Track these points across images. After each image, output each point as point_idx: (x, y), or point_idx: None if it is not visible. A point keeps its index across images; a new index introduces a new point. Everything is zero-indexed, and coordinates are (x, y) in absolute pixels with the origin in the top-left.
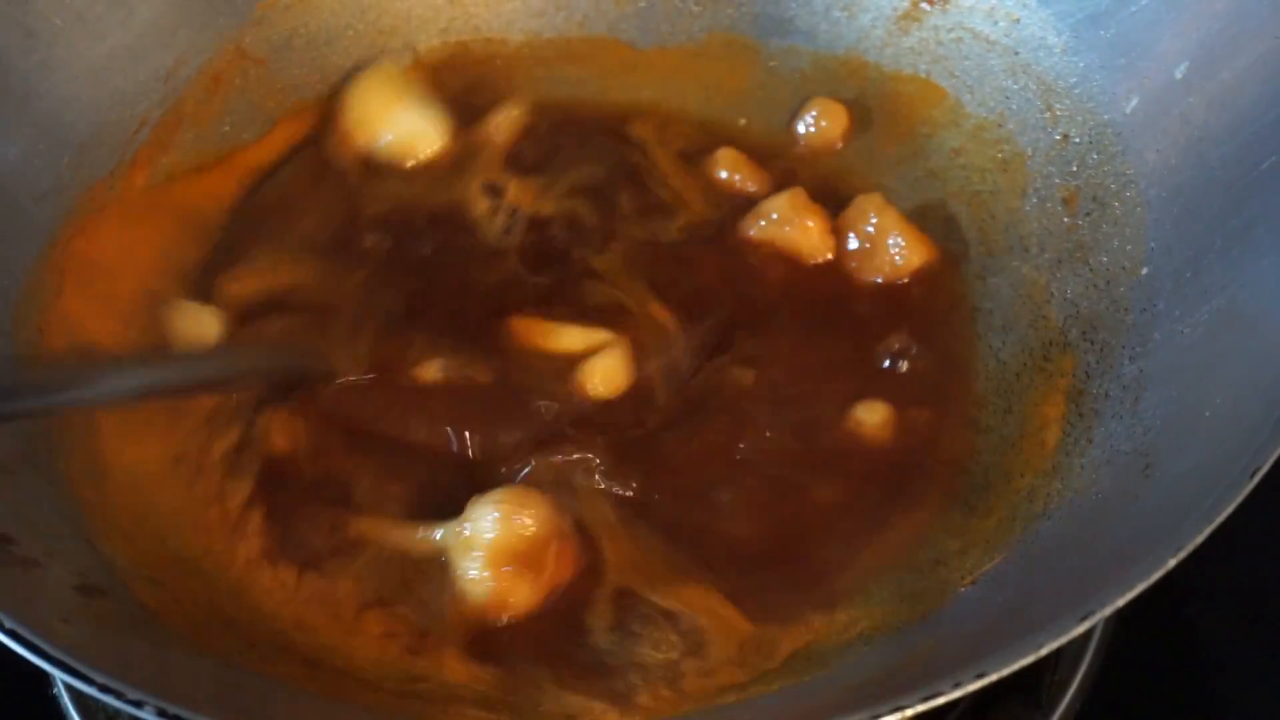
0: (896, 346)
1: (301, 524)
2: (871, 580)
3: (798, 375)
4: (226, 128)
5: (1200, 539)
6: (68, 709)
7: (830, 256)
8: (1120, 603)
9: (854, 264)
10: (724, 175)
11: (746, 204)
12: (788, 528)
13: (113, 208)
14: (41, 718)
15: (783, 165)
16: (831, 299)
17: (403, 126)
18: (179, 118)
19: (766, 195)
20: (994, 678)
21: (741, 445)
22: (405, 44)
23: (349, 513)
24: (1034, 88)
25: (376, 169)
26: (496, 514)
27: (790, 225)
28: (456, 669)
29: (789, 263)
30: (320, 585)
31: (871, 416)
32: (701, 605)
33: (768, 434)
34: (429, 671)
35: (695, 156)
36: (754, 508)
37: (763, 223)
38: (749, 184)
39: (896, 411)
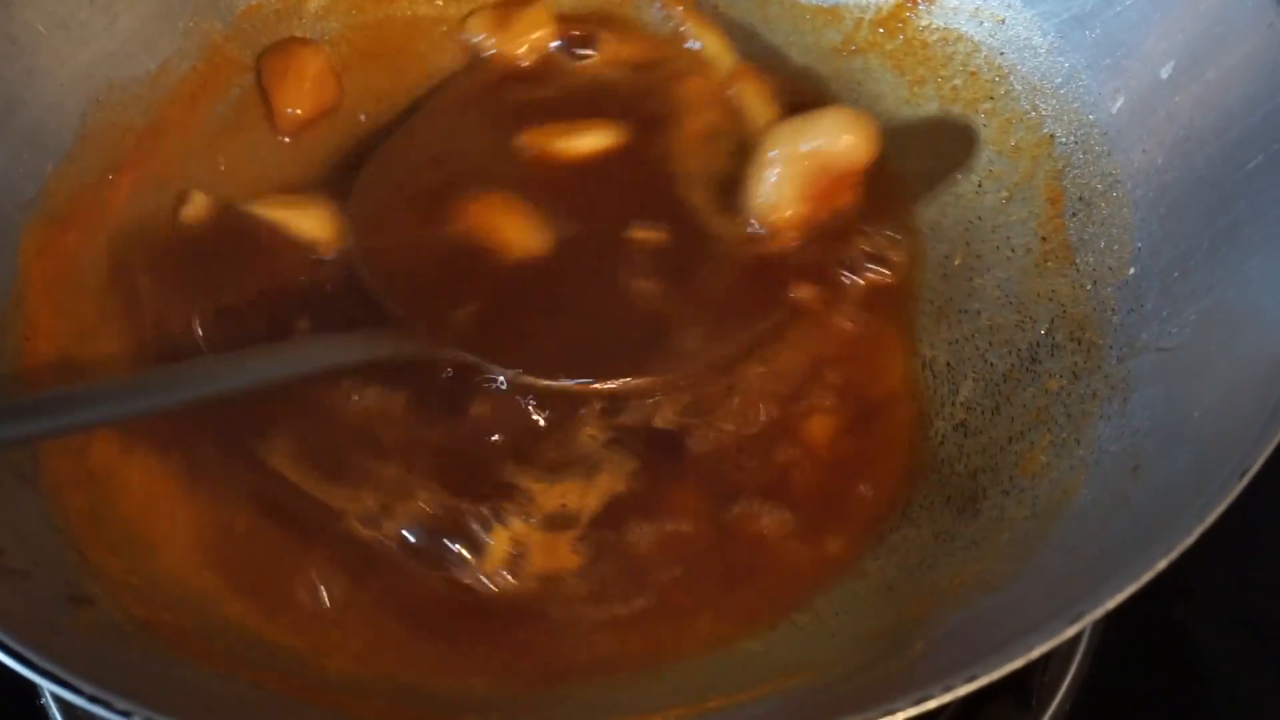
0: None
1: None
2: (859, 582)
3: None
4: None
5: (1190, 540)
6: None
7: None
8: (1111, 604)
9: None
10: None
11: None
12: None
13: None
14: None
15: None
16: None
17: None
18: (164, 125)
19: None
20: (985, 680)
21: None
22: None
23: None
24: (1020, 88)
25: None
26: None
27: None
28: None
29: None
30: None
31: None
32: None
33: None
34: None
35: None
36: None
37: None
38: None
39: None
